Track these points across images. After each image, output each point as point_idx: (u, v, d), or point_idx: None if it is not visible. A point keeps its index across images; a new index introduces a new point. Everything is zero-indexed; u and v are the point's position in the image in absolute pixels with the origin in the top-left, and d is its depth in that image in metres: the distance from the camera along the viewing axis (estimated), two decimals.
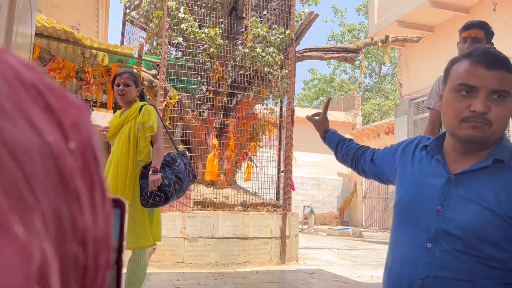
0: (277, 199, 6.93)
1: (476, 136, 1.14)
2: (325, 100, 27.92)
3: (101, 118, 7.26)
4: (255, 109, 7.01)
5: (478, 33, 2.84)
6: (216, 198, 5.89)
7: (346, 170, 18.59)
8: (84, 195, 0.24)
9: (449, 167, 1.23)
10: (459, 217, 1.13)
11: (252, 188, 6.82)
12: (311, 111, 20.17)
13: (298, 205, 17.18)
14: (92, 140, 0.25)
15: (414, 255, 1.18)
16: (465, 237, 1.11)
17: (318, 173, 18.12)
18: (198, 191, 5.90)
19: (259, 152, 6.92)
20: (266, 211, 6.17)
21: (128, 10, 7.78)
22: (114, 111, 7.62)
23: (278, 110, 7.16)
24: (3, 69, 0.22)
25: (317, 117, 1.85)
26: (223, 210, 5.79)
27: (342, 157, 1.75)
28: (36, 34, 4.94)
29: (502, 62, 1.15)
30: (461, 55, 1.26)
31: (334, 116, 18.71)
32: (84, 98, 6.93)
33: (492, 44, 2.93)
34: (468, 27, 2.88)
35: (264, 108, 7.01)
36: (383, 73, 26.79)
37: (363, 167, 1.62)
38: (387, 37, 7.34)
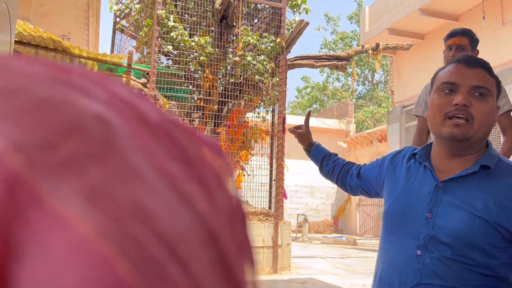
0: (269, 207, 6.88)
1: (459, 134, 1.16)
2: (318, 108, 27.90)
3: None
4: (247, 117, 6.99)
5: (462, 41, 2.85)
6: None
7: None
8: (241, 275, 0.17)
9: (437, 174, 1.23)
10: (448, 224, 1.13)
11: (244, 197, 6.77)
12: (304, 118, 20.22)
13: (292, 213, 17.12)
14: (237, 192, 0.19)
15: (404, 262, 1.17)
16: (454, 244, 1.11)
17: (312, 181, 18.08)
18: None
19: (251, 160, 6.89)
20: (257, 220, 6.11)
21: (118, 19, 7.76)
22: None
23: (270, 118, 7.14)
24: (123, 109, 0.15)
25: (300, 130, 1.87)
26: None
27: (327, 172, 1.74)
28: (24, 43, 4.90)
29: (482, 62, 1.22)
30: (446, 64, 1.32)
31: (327, 123, 18.73)
32: None
33: (477, 51, 2.94)
34: (452, 35, 2.89)
35: (256, 116, 6.98)
36: (376, 81, 26.95)
37: (349, 183, 1.62)
38: (377, 45, 7.36)
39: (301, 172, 18.05)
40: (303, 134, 1.86)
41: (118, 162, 0.14)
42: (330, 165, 1.72)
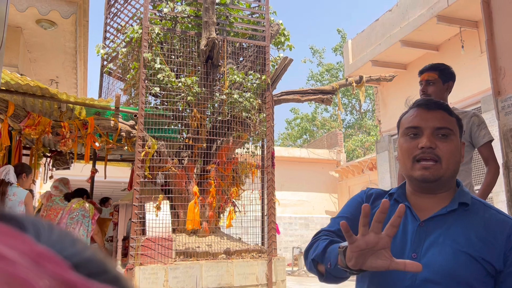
0: (263, 244, 6.81)
1: (430, 176, 1.20)
2: (308, 139, 27.59)
3: (79, 170, 7.17)
4: (236, 153, 7.01)
5: (430, 76, 2.96)
6: (198, 247, 5.77)
7: (333, 207, 18.52)
8: None
9: (417, 213, 1.25)
10: (434, 262, 1.14)
11: (237, 233, 6.70)
12: (295, 150, 20.16)
13: (288, 246, 16.92)
14: None
15: None
16: (442, 280, 1.12)
17: (306, 212, 17.99)
18: (180, 240, 5.78)
19: (242, 196, 6.86)
20: (250, 258, 6.04)
21: (105, 62, 7.87)
22: (94, 164, 7.54)
23: (260, 152, 7.17)
24: None
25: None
26: (206, 259, 5.65)
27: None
28: (11, 92, 4.94)
29: (441, 104, 1.28)
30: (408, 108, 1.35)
31: (318, 154, 18.82)
32: (61, 150, 6.87)
33: (451, 83, 3.01)
34: (422, 71, 3.02)
35: (245, 151, 7.01)
36: (364, 110, 27.32)
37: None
38: (361, 78, 7.53)
39: (295, 204, 17.98)
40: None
41: None
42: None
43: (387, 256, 0.98)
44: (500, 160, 2.94)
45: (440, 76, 2.95)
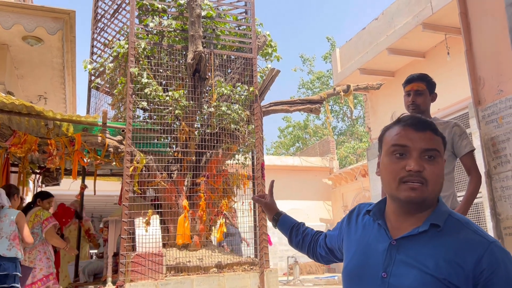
0: (256, 256, 6.78)
1: (415, 197, 1.18)
2: (301, 146, 27.85)
3: (69, 186, 7.12)
4: (227, 164, 7.00)
5: (419, 86, 2.95)
6: (189, 261, 5.73)
7: (327, 215, 18.51)
8: None
9: (390, 231, 1.25)
10: (402, 283, 1.14)
11: (230, 246, 6.68)
12: (287, 158, 20.11)
13: (283, 256, 16.84)
14: None
15: None
16: None
17: (300, 220, 17.96)
18: (170, 255, 5.74)
19: (233, 208, 6.84)
20: (242, 271, 6.01)
21: (93, 77, 7.86)
22: (83, 179, 7.50)
23: (250, 163, 7.17)
24: None
25: (264, 199, 1.88)
26: (197, 273, 5.62)
27: (297, 244, 1.76)
28: None
29: (428, 124, 1.25)
30: (391, 123, 1.34)
31: (311, 161, 18.84)
32: (48, 167, 6.82)
33: (436, 94, 3.03)
34: (410, 81, 2.98)
35: (236, 163, 7.01)
36: (355, 116, 27.44)
37: (320, 253, 1.66)
38: (348, 87, 7.58)
39: (289, 212, 17.88)
40: (269, 204, 1.88)
41: None
42: (299, 236, 1.74)
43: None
44: (482, 169, 2.96)
45: (428, 87, 2.95)
